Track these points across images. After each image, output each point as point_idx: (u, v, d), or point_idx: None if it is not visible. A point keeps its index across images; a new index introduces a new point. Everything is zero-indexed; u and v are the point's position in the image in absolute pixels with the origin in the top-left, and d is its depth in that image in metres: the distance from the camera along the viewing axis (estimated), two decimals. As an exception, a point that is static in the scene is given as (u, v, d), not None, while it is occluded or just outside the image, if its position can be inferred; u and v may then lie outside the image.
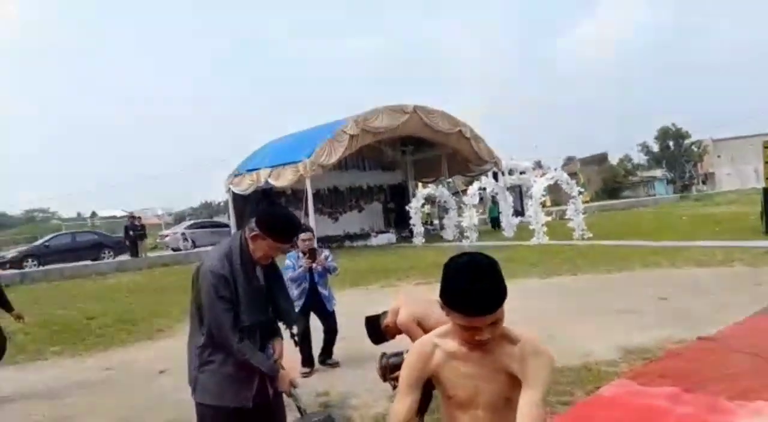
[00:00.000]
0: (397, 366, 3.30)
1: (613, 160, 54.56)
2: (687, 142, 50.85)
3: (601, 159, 52.08)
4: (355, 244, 20.40)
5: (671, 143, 51.50)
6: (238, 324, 2.15)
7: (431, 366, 1.45)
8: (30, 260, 18.27)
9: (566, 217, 15.13)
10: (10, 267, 17.42)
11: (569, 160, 54.39)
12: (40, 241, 20.61)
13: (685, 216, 18.86)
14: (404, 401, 1.46)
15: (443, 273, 1.34)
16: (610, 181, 48.16)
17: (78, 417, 4.16)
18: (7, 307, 4.94)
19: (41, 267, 17.44)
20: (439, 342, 1.46)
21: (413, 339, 3.22)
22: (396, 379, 3.46)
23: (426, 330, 3.18)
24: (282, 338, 2.42)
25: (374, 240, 20.27)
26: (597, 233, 14.36)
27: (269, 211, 2.52)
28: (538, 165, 35.71)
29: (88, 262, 18.23)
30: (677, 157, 50.87)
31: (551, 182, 15.73)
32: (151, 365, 5.44)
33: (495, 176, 21.01)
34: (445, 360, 1.43)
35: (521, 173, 24.91)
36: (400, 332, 3.36)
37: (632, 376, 3.77)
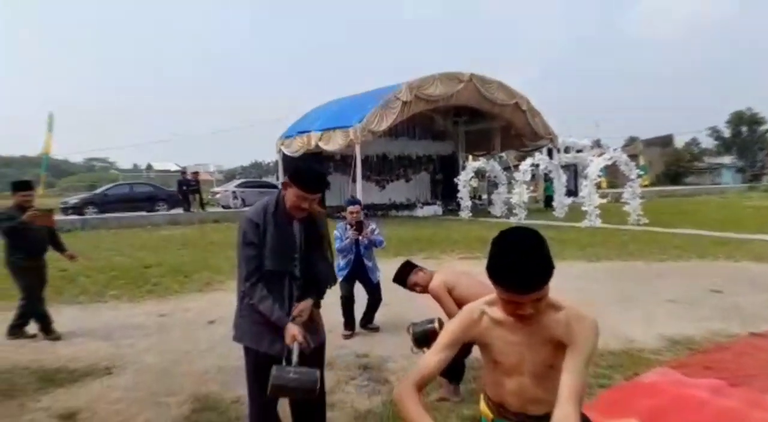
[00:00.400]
0: (426, 335, 3.54)
1: (679, 143, 52.05)
2: (762, 128, 47.79)
3: (666, 141, 49.77)
4: (400, 214, 20.54)
5: (744, 129, 48.57)
6: (259, 270, 2.32)
7: (475, 332, 1.53)
8: (90, 207, 19.32)
9: (622, 201, 14.70)
10: (72, 213, 18.51)
11: (631, 141, 52.24)
12: (100, 190, 21.72)
13: (750, 208, 17.96)
14: (435, 356, 1.50)
15: (491, 246, 1.39)
16: (673, 166, 46.08)
17: (135, 355, 4.52)
18: (61, 248, 5.33)
19: (100, 215, 18.44)
20: (487, 310, 1.53)
21: (442, 304, 3.38)
22: (429, 345, 3.66)
23: (454, 298, 3.32)
24: (318, 300, 2.50)
25: (419, 211, 20.34)
26: (654, 219, 13.92)
27: (298, 163, 2.67)
28: (597, 144, 34.45)
29: (144, 213, 19.13)
30: (749, 144, 48.01)
31: (609, 163, 15.24)
32: (202, 315, 5.80)
33: (550, 153, 20.55)
34: (492, 328, 1.51)
35: (578, 151, 24.22)
36: (424, 291, 3.53)
37: (675, 366, 3.76)
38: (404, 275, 3.60)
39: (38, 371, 4.16)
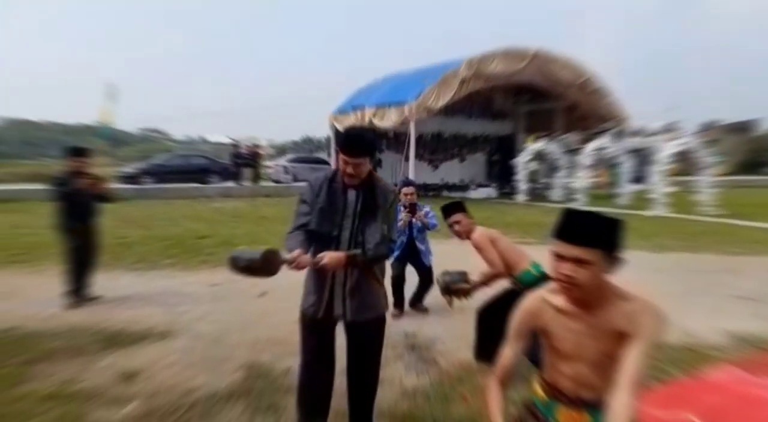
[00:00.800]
0: (452, 287, 3.58)
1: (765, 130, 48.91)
2: None
3: (748, 127, 46.91)
4: (452, 195, 20.46)
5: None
6: (304, 227, 2.53)
7: (539, 322, 1.62)
8: (146, 177, 20.26)
9: (695, 190, 14.09)
10: (129, 183, 19.47)
11: (710, 125, 49.54)
12: (156, 160, 22.69)
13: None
14: (509, 350, 1.67)
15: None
16: (755, 154, 43.42)
17: (189, 322, 4.81)
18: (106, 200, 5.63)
19: (156, 185, 19.31)
20: (548, 298, 1.61)
21: (484, 253, 3.46)
22: (453, 295, 3.75)
23: (498, 250, 3.43)
24: (359, 259, 2.47)
25: (473, 193, 20.19)
26: (730, 211, 13.30)
27: (349, 129, 2.71)
28: (671, 128, 32.92)
29: (197, 185, 19.88)
30: None
31: (682, 149, 14.60)
32: (253, 287, 6.04)
33: (617, 136, 19.81)
34: (554, 315, 1.58)
35: (649, 135, 23.23)
36: (460, 235, 3.66)
37: (740, 363, 3.66)
38: (452, 210, 3.70)
39: (99, 333, 4.49)
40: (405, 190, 5.07)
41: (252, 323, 4.79)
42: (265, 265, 2.31)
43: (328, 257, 2.40)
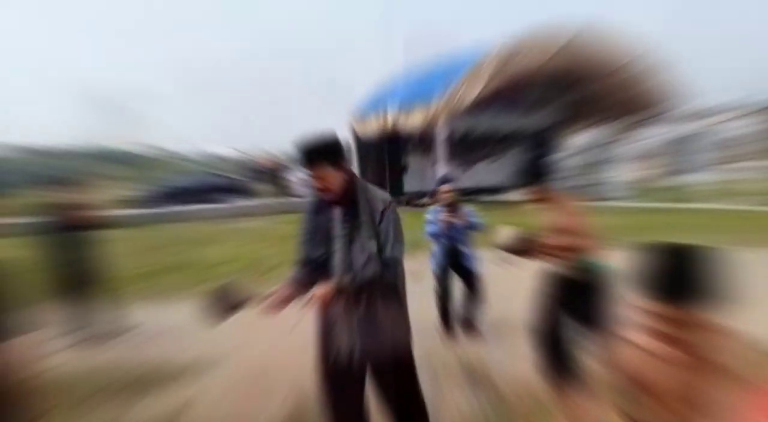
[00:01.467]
0: (513, 245, 3.51)
1: None
2: None
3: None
4: (487, 198, 20.34)
5: None
6: (302, 257, 2.57)
7: None
8: (158, 199, 20.59)
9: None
10: (140, 207, 19.82)
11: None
12: (167, 181, 23.06)
13: None
14: None
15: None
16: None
17: (229, 352, 4.93)
18: None
19: (169, 208, 19.59)
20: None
21: (572, 221, 3.37)
22: (518, 253, 3.68)
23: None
24: (338, 288, 2.42)
25: (510, 195, 20.02)
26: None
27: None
28: (734, 108, 32.20)
29: (211, 205, 20.11)
30: None
31: (747, 131, 14.31)
32: (291, 310, 6.14)
33: (671, 123, 19.45)
34: None
35: (710, 118, 22.81)
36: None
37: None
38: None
39: (130, 372, 4.62)
40: (443, 187, 4.98)
41: (295, 350, 4.86)
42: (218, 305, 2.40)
43: (315, 292, 2.36)
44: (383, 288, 2.46)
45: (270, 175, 21.14)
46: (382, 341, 2.45)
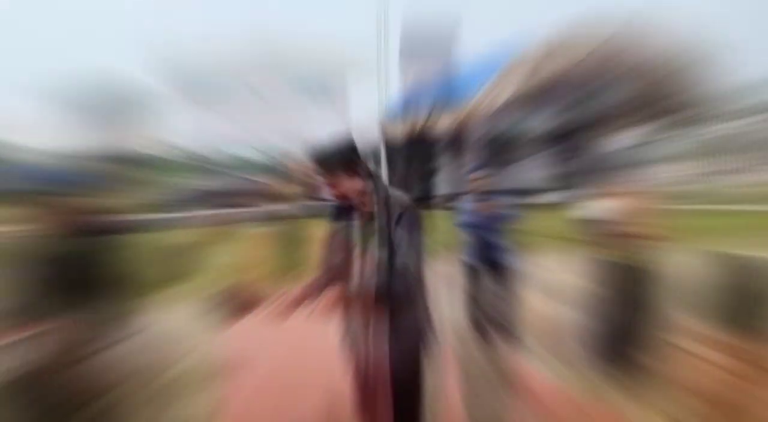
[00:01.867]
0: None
1: None
2: None
3: None
4: (518, 201, 20.16)
5: None
6: (322, 261, 2.67)
7: None
8: (183, 203, 20.94)
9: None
10: (166, 211, 20.15)
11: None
12: (191, 184, 23.43)
13: None
14: None
15: None
16: None
17: (259, 352, 5.00)
18: None
19: (193, 212, 19.92)
20: None
21: None
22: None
23: None
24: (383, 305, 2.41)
25: (542, 198, 19.87)
26: None
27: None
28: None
29: (234, 209, 20.34)
30: None
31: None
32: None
33: (711, 122, 19.06)
34: None
35: (751, 117, 22.26)
36: None
37: None
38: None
39: (160, 374, 4.71)
40: (473, 175, 4.89)
41: (326, 349, 4.90)
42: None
43: (322, 298, 2.43)
44: (391, 297, 2.37)
45: (295, 178, 21.31)
46: (383, 354, 2.43)
